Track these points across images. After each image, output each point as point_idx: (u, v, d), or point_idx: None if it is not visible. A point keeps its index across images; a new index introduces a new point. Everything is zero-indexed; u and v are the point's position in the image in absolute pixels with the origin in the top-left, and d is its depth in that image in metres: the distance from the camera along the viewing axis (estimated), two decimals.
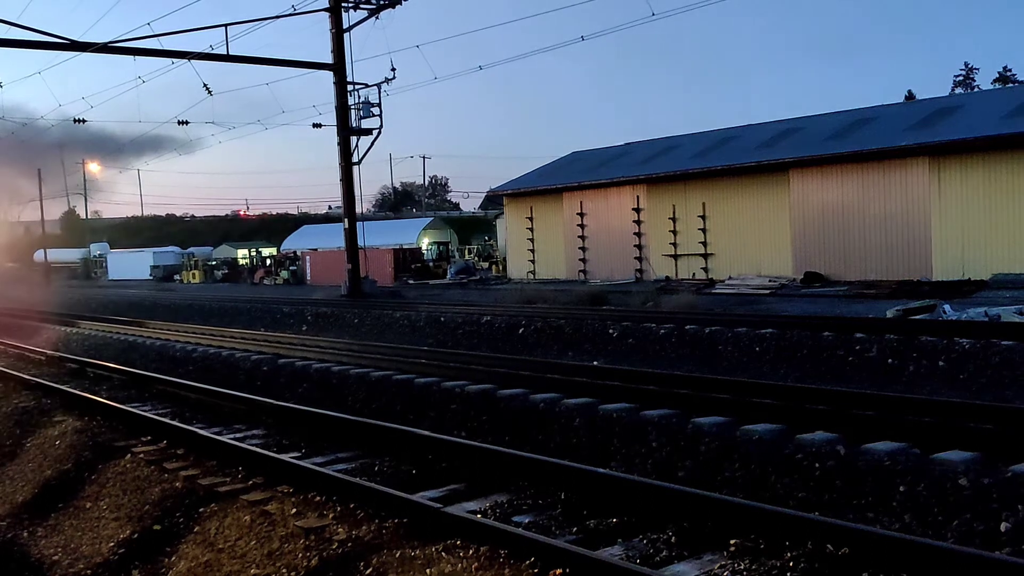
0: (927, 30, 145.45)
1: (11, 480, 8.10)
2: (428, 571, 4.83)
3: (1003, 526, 5.17)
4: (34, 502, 7.36)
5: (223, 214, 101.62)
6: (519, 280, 36.34)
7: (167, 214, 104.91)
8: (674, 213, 31.70)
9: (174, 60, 26.60)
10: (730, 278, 28.55)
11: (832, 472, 6.20)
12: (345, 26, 28.87)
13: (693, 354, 13.06)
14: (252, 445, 7.88)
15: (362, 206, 33.36)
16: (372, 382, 11.04)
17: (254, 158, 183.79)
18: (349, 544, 5.31)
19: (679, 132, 46.27)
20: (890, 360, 11.25)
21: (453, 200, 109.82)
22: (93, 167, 78.65)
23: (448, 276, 42.39)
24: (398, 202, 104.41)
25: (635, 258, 33.15)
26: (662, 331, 14.60)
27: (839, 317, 15.12)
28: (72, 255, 79.72)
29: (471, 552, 4.99)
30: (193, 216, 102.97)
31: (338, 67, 28.94)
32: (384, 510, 5.75)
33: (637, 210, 33.05)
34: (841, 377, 10.84)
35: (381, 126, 29.50)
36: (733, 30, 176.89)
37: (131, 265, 69.56)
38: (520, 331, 16.42)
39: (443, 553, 5.03)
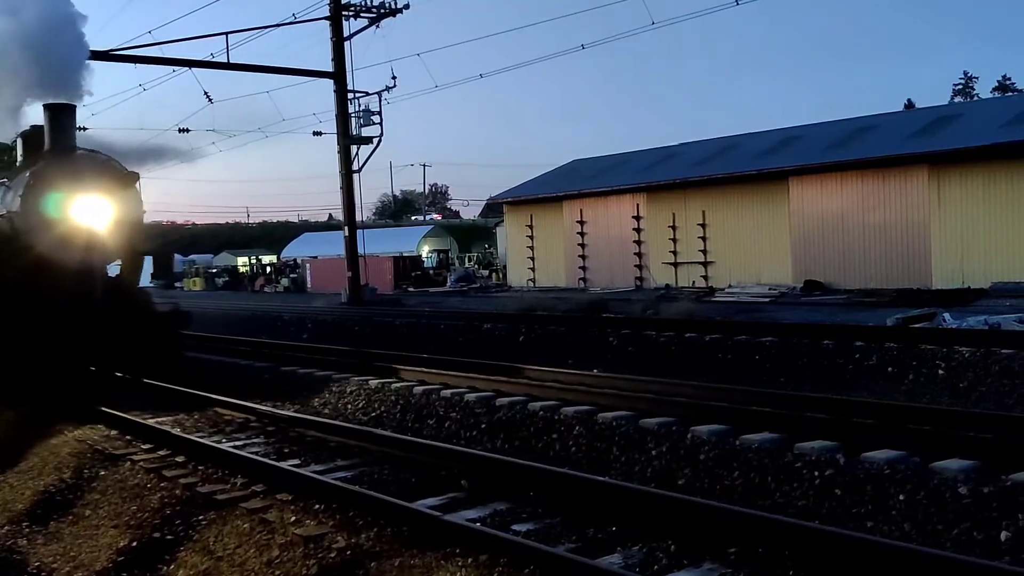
0: (926, 39, 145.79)
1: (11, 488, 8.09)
2: None
3: (1003, 535, 5.17)
4: (33, 510, 7.35)
5: (224, 222, 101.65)
6: (519, 288, 36.33)
7: (168, 222, 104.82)
8: (674, 221, 31.72)
9: (175, 68, 26.70)
10: (730, 286, 28.55)
11: (831, 480, 6.20)
12: (346, 34, 28.99)
13: (693, 362, 13.05)
14: (252, 453, 7.89)
15: (362, 214, 33.42)
16: (372, 390, 11.05)
17: (255, 166, 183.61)
18: (348, 552, 5.31)
19: (679, 140, 46.38)
20: (890, 368, 11.25)
21: (453, 208, 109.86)
22: None
23: (448, 284, 42.39)
24: (398, 210, 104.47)
25: (635, 266, 33.15)
26: (662, 339, 14.60)
27: (839, 325, 15.12)
28: None
29: (470, 560, 4.99)
30: (194, 223, 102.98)
31: (339, 75, 29.02)
32: (383, 518, 5.75)
33: (637, 218, 33.06)
34: (841, 385, 10.83)
35: (381, 134, 29.58)
36: (732, 39, 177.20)
37: None
38: (520, 338, 16.42)
39: (442, 561, 5.04)
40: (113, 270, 12.14)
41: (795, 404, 8.50)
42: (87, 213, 11.15)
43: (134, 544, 6.18)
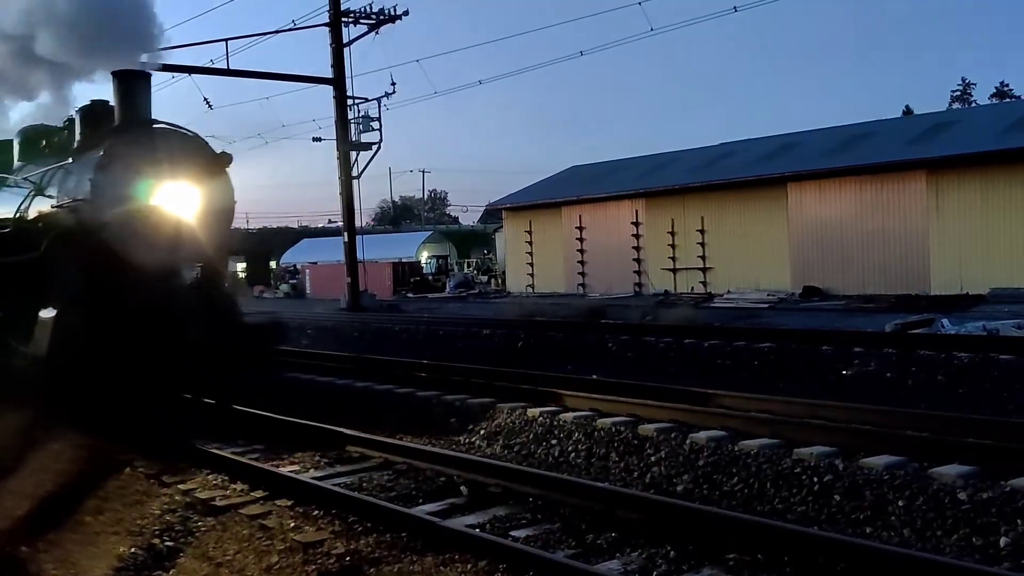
0: (925, 45, 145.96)
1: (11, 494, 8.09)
2: None
3: (1002, 541, 5.18)
4: (34, 516, 7.35)
5: None
6: (518, 293, 36.34)
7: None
8: (673, 227, 31.74)
9: (174, 74, 26.70)
10: (729, 292, 28.57)
11: (830, 486, 6.21)
12: (345, 41, 29.03)
13: (692, 368, 13.06)
14: (252, 459, 7.89)
15: (361, 220, 33.46)
16: (373, 395, 11.04)
17: (254, 172, 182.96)
18: (347, 558, 5.32)
19: (678, 147, 46.43)
20: (889, 374, 11.27)
21: (452, 214, 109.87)
22: None
23: (447, 290, 42.41)
24: (397, 216, 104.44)
25: (634, 272, 33.17)
26: (661, 345, 14.62)
27: (838, 331, 15.15)
28: None
29: (469, 566, 5.00)
30: None
31: (338, 81, 29.06)
32: (383, 524, 5.76)
33: (636, 224, 33.10)
34: (840, 391, 10.84)
35: (381, 140, 29.64)
36: (731, 46, 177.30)
37: None
38: (519, 344, 16.44)
39: (441, 567, 5.05)
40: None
41: (793, 410, 8.51)
42: (173, 202, 9.07)
43: None
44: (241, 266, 12.69)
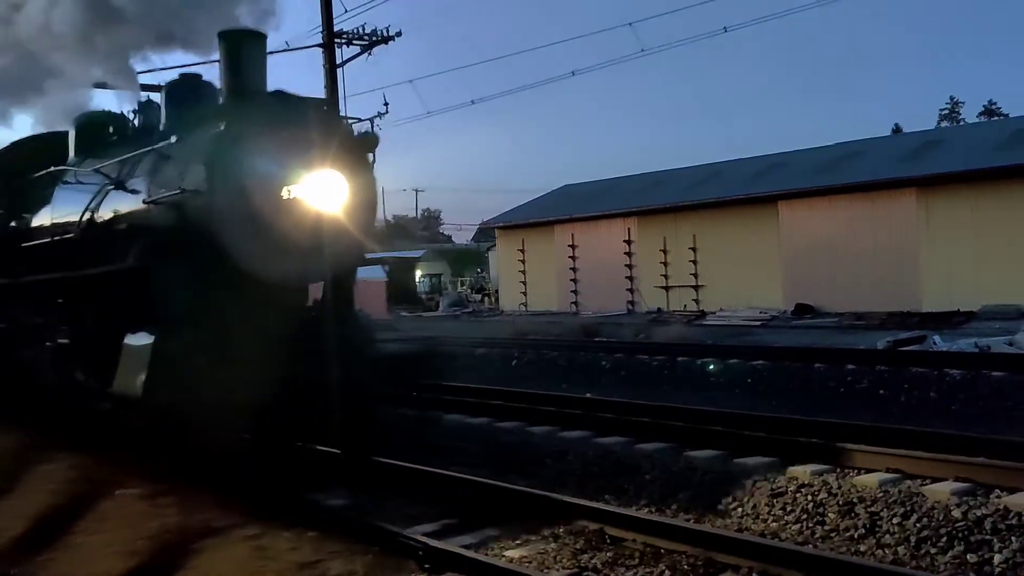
0: (912, 64, 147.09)
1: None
2: None
3: (996, 558, 5.20)
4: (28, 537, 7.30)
5: None
6: (511, 312, 36.35)
7: None
8: (665, 245, 31.85)
9: None
10: (721, 310, 28.63)
11: (824, 504, 6.22)
12: (338, 62, 29.12)
13: (686, 386, 13.10)
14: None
15: None
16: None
17: None
18: None
19: (669, 166, 46.64)
20: (881, 391, 11.32)
21: (446, 233, 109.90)
22: None
23: (441, 308, 42.39)
24: (391, 235, 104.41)
25: (627, 290, 33.22)
26: (655, 363, 14.66)
27: (830, 348, 15.21)
28: None
29: None
30: None
31: (331, 102, 29.12)
32: (378, 544, 5.76)
33: (628, 242, 33.19)
34: (833, 408, 10.88)
35: (374, 160, 29.57)
36: (719, 67, 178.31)
37: None
38: (513, 363, 16.45)
39: None
40: None
41: (788, 428, 8.53)
42: (316, 195, 6.96)
43: None
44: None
